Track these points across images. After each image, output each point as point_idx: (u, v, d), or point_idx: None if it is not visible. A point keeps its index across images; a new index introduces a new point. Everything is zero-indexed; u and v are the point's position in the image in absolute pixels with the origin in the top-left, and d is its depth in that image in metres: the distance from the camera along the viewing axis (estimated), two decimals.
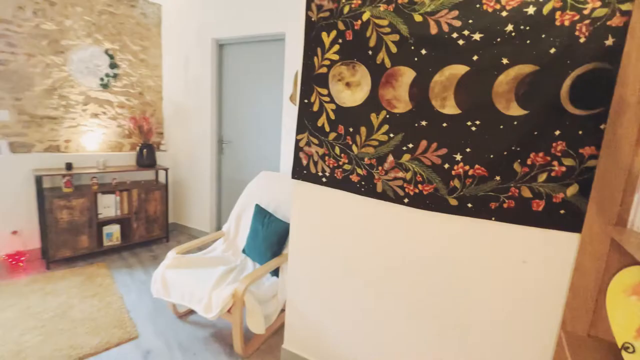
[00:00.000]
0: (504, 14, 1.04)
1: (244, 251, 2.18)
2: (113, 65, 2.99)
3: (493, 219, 1.14)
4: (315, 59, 1.40)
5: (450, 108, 1.16)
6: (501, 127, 1.08)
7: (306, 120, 1.47)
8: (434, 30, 1.14)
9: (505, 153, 1.09)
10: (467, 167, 1.15)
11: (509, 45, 1.04)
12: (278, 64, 2.66)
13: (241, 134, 3.06)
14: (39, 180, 2.54)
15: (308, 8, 1.39)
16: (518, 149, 1.07)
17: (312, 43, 1.40)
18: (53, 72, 2.68)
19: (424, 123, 1.21)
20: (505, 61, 1.05)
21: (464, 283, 1.23)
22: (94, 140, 2.97)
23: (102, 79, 2.94)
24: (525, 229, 1.11)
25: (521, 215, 1.10)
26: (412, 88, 1.21)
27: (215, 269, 1.93)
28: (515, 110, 1.06)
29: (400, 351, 1.40)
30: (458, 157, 1.16)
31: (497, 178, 1.11)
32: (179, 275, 1.83)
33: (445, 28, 1.12)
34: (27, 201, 2.60)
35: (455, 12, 1.10)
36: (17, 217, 2.57)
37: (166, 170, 3.16)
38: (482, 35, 1.07)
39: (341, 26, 1.32)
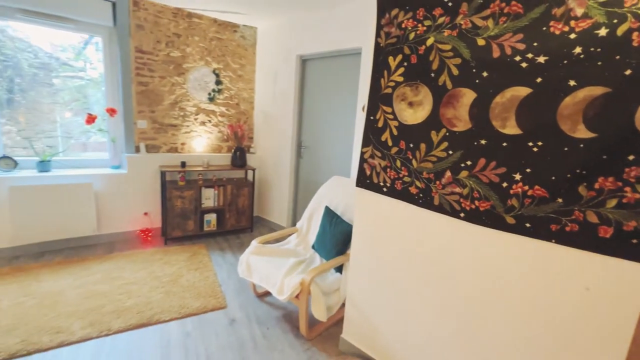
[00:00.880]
0: (573, 36, 1.03)
1: (313, 247, 2.44)
2: (218, 82, 3.61)
3: (553, 241, 1.13)
4: (382, 80, 1.55)
5: (510, 128, 1.18)
6: (565, 149, 1.07)
7: (371, 134, 1.63)
8: (496, 53, 1.18)
9: (568, 175, 1.07)
10: (526, 187, 1.16)
11: (577, 67, 1.03)
12: (354, 76, 2.86)
13: (318, 140, 3.36)
14: (163, 175, 3.26)
15: (377, 35, 1.55)
16: (584, 172, 1.04)
17: (379, 66, 1.55)
18: (176, 89, 3.39)
19: (483, 142, 1.25)
20: (572, 83, 1.04)
21: (519, 301, 1.23)
22: (201, 143, 3.64)
23: (209, 94, 3.58)
24: (590, 255, 1.07)
25: (586, 240, 1.07)
26: (472, 108, 1.27)
27: (288, 259, 2.24)
28: (582, 132, 1.04)
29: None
30: (517, 176, 1.18)
31: (559, 200, 1.10)
32: (260, 261, 2.18)
33: (508, 51, 1.15)
34: (154, 190, 3.36)
35: (520, 36, 1.13)
36: (148, 202, 3.34)
37: (254, 170, 3.67)
38: (547, 57, 1.07)
39: (407, 51, 1.44)
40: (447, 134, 1.35)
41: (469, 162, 1.30)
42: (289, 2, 2.88)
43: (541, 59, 1.09)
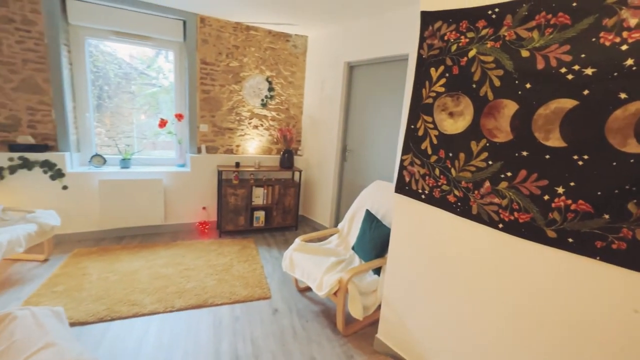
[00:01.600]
0: (624, 47, 0.99)
1: (353, 248, 2.53)
2: (270, 89, 3.88)
3: (598, 258, 1.09)
4: (424, 90, 1.59)
5: (554, 141, 1.16)
6: (614, 164, 1.03)
7: (411, 143, 1.68)
8: (540, 65, 1.17)
9: (616, 191, 1.03)
10: (569, 201, 1.13)
11: (628, 79, 0.99)
12: (400, 82, 2.89)
13: (362, 144, 3.44)
14: (219, 174, 3.60)
15: (420, 47, 1.60)
16: (634, 188, 1.00)
17: (421, 77, 1.60)
18: (233, 96, 3.72)
19: (524, 153, 1.24)
20: (623, 96, 1.00)
21: (558, 317, 1.20)
22: (253, 145, 3.94)
23: (262, 100, 3.86)
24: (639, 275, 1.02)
25: (635, 259, 1.02)
26: (514, 120, 1.26)
27: (329, 258, 2.36)
28: (633, 147, 1.00)
29: None
30: (560, 190, 1.16)
31: (606, 216, 1.06)
32: (302, 258, 2.34)
33: (554, 63, 1.14)
34: (212, 187, 3.73)
35: (567, 47, 1.11)
36: (206, 198, 3.72)
37: (300, 171, 3.86)
38: (595, 69, 1.05)
39: (448, 62, 1.47)
40: (488, 144, 1.35)
41: (509, 174, 1.29)
42: (339, 11, 3.00)
43: (589, 71, 1.06)
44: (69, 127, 3.07)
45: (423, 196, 1.65)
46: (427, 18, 1.55)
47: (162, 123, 3.41)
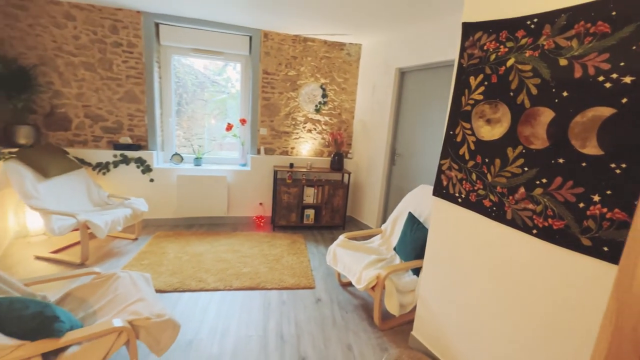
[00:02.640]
0: None
1: (394, 248, 2.62)
2: (324, 95, 4.13)
3: None
4: (463, 98, 1.66)
5: (591, 148, 1.16)
6: None
7: (450, 148, 1.75)
8: (578, 73, 1.18)
9: None
10: (605, 210, 1.13)
11: None
12: (449, 87, 2.88)
13: (411, 148, 3.48)
14: (275, 173, 3.95)
15: (460, 56, 1.66)
16: None
17: (461, 85, 1.67)
18: (290, 102, 4.05)
19: (560, 160, 1.25)
20: None
21: (594, 326, 1.19)
22: (306, 148, 4.23)
23: (316, 106, 4.13)
24: None
25: None
26: (550, 127, 1.28)
27: (370, 256, 2.49)
28: None
29: None
30: (596, 198, 1.15)
31: None
32: (344, 253, 2.51)
33: (592, 71, 1.15)
34: (268, 185, 4.10)
35: (606, 55, 1.11)
36: (262, 194, 4.11)
37: (349, 173, 4.03)
38: (633, 78, 1.04)
39: (487, 71, 1.52)
40: (524, 151, 1.38)
41: (544, 180, 1.31)
42: (392, 19, 3.11)
43: (627, 79, 1.06)
44: (157, 130, 3.68)
45: (459, 200, 1.71)
46: (468, 29, 1.62)
47: (229, 127, 3.88)
